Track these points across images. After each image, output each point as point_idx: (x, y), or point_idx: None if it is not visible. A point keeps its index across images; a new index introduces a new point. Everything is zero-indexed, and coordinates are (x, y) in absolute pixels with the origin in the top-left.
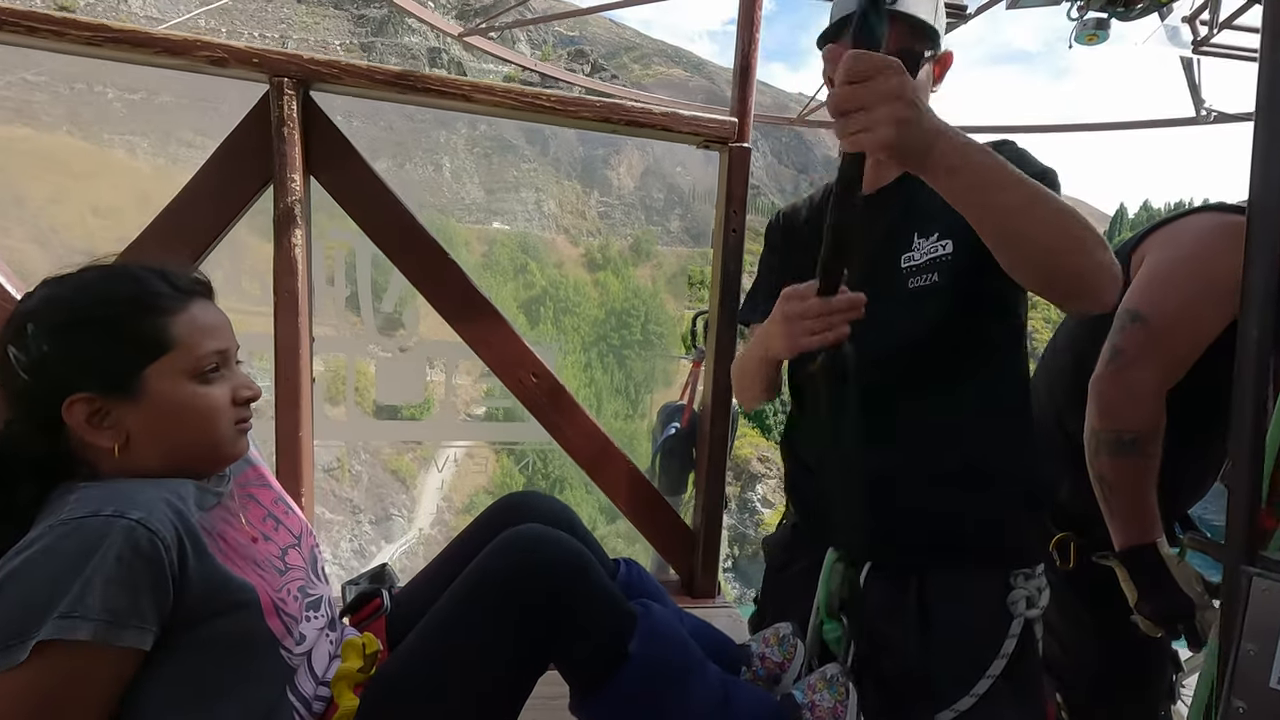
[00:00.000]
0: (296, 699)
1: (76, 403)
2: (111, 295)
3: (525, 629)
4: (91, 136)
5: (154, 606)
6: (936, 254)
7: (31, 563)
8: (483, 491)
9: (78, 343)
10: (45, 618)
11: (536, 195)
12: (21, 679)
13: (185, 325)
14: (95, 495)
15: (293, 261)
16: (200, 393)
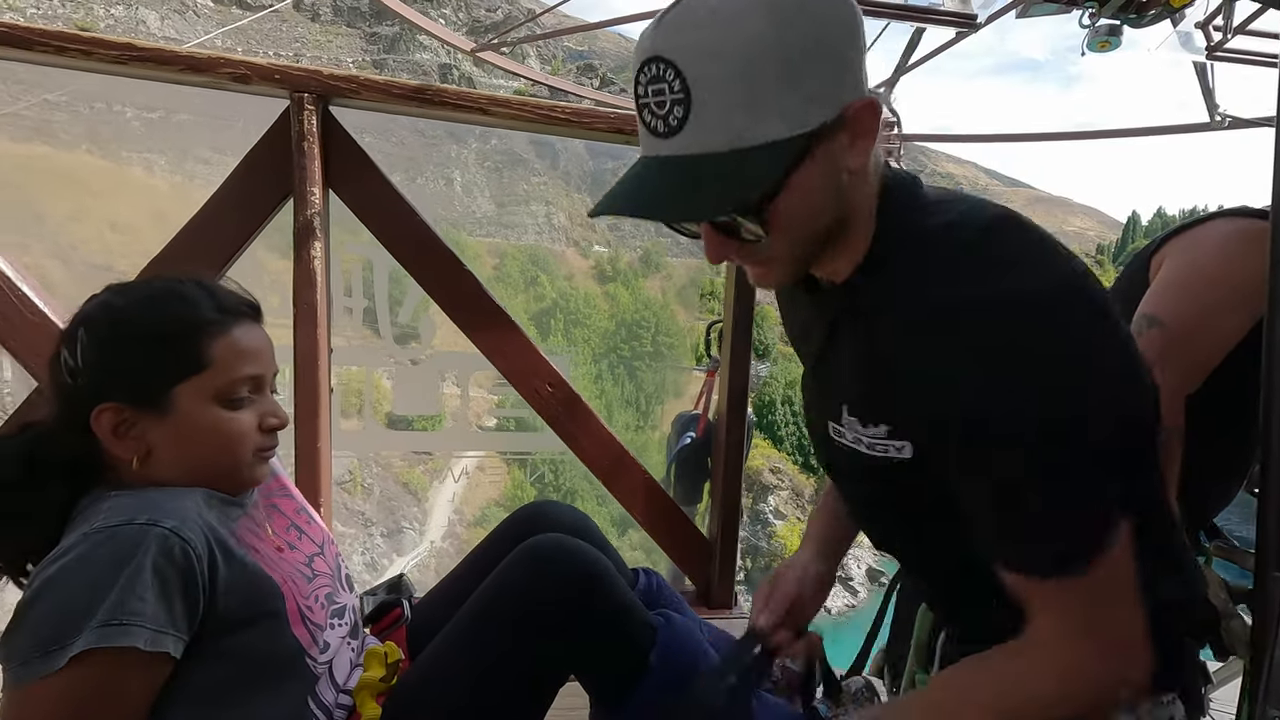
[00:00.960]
0: (318, 707)
1: (105, 411)
2: (157, 310)
3: (545, 640)
4: (110, 154)
5: (185, 614)
6: (887, 453)
7: (68, 570)
8: (494, 504)
9: (117, 353)
10: (83, 625)
11: (546, 208)
12: (58, 686)
13: (223, 347)
14: (128, 504)
15: (312, 274)
16: (226, 417)
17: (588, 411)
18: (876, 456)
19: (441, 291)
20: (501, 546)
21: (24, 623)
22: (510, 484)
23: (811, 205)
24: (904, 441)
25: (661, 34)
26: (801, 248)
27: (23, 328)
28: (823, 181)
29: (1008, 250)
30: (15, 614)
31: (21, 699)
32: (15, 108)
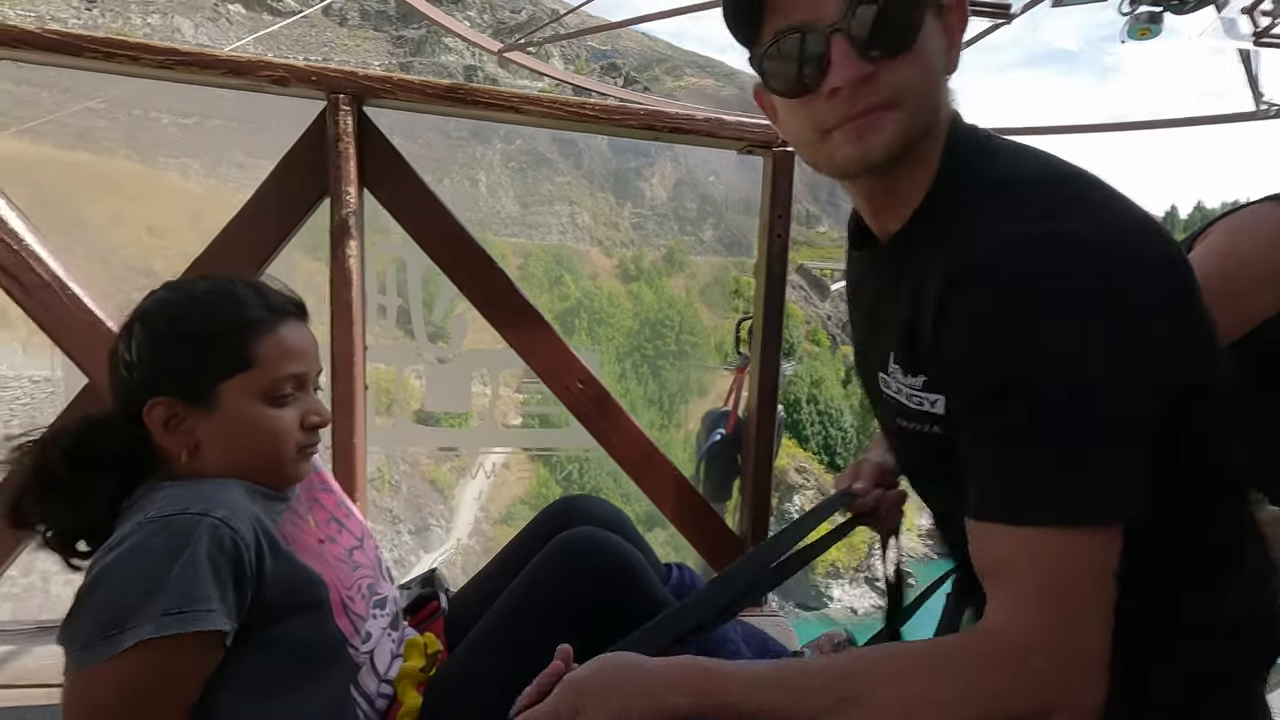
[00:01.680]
0: (360, 696)
1: (157, 405)
2: (207, 309)
3: (579, 633)
4: (148, 160)
5: (236, 602)
6: (922, 406)
7: (125, 559)
8: (520, 502)
9: (169, 349)
10: (141, 612)
11: (570, 208)
12: (117, 669)
13: (268, 346)
14: (180, 494)
15: (348, 273)
16: (270, 414)
17: (617, 408)
18: (913, 409)
19: (474, 289)
20: (536, 540)
21: (85, 609)
22: (536, 482)
23: (933, 62)
24: (938, 395)
25: None
26: (924, 98)
27: (73, 326)
28: (933, 50)
29: (1071, 203)
30: (76, 600)
31: (82, 682)
32: (59, 115)
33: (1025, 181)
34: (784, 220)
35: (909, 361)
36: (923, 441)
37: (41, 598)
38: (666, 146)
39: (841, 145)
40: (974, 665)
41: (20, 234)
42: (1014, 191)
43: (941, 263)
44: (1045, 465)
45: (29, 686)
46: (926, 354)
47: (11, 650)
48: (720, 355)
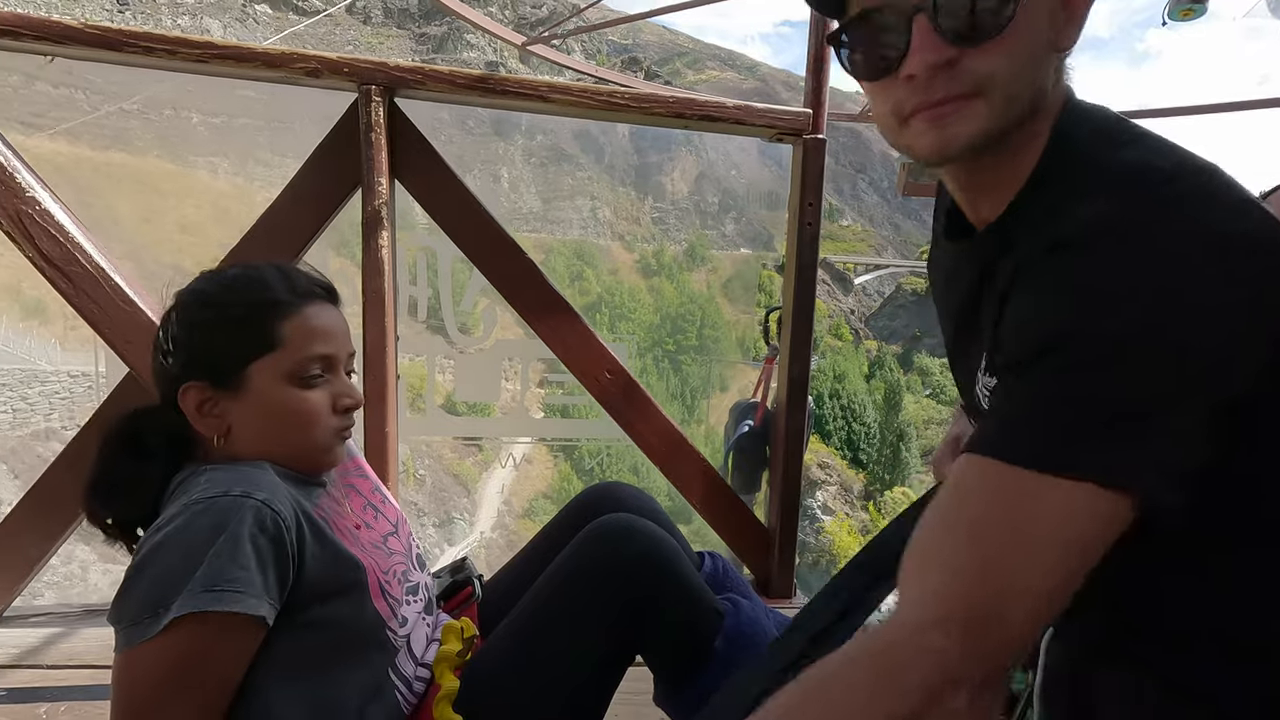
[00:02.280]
0: (398, 679)
1: (190, 390)
2: (234, 293)
3: (614, 620)
4: (179, 159)
5: (277, 583)
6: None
7: (170, 539)
8: (542, 496)
9: (198, 334)
10: (183, 590)
11: (591, 203)
12: (162, 647)
13: (294, 327)
14: (223, 477)
15: (379, 263)
16: (298, 396)
17: (646, 398)
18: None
19: (503, 280)
20: (570, 526)
21: (131, 588)
22: (558, 477)
23: (1028, 47)
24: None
25: None
26: (1016, 85)
27: (115, 316)
28: (1034, 31)
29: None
30: (124, 580)
31: (130, 660)
32: (95, 115)
33: (1154, 174)
34: (814, 209)
35: (992, 363)
36: None
37: (81, 585)
38: (687, 141)
39: (920, 134)
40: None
41: (66, 227)
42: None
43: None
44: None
45: (74, 667)
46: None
47: (58, 633)
48: (741, 350)
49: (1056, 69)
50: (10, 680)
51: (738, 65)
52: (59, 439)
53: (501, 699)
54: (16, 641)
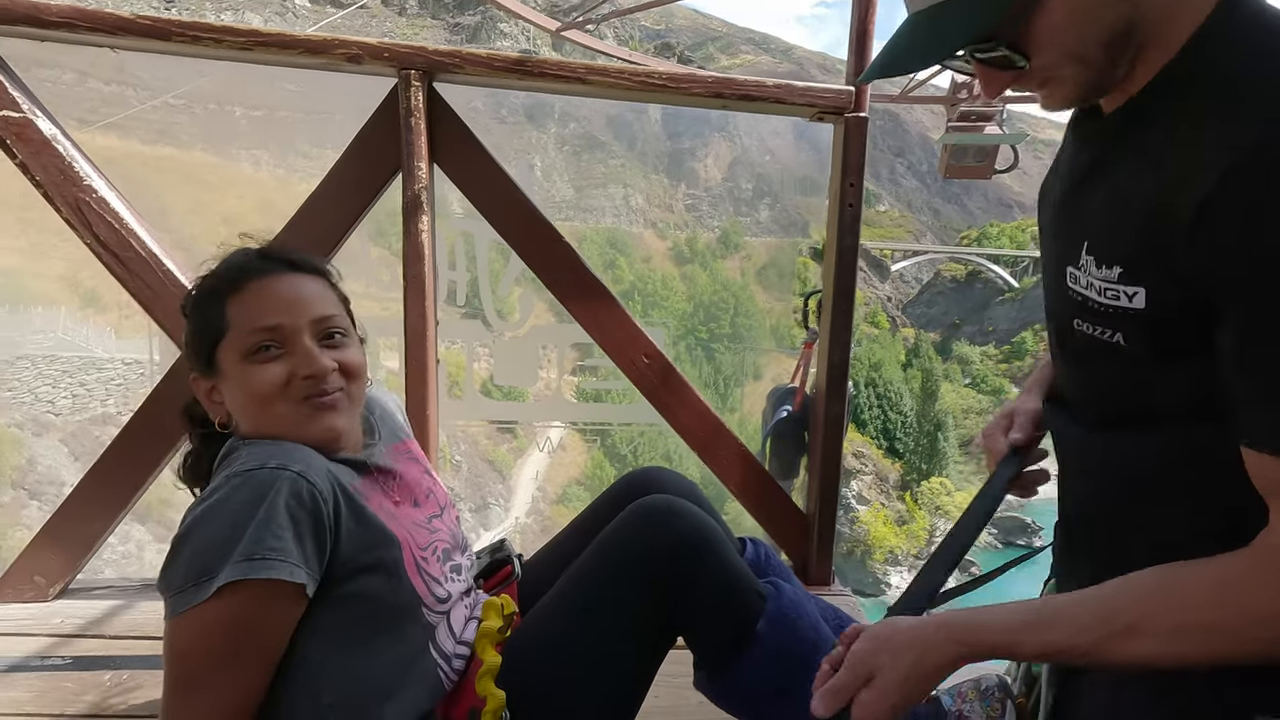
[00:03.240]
0: (438, 654)
1: (195, 380)
2: (203, 281)
3: (655, 600)
4: (222, 152)
5: (316, 554)
6: (1117, 300)
7: (212, 510)
8: (575, 483)
9: (185, 328)
10: (227, 558)
11: (624, 190)
12: (208, 614)
13: (237, 305)
14: (259, 451)
15: (420, 247)
16: (253, 371)
17: (683, 383)
18: (1104, 305)
19: (540, 264)
20: (611, 508)
21: (177, 557)
22: (591, 464)
23: (1080, 16)
24: (1138, 288)
25: None
26: (1079, 62)
27: (167, 300)
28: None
29: None
30: (170, 550)
31: (178, 628)
32: (141, 109)
33: None
34: (856, 189)
35: (1104, 251)
36: (1099, 352)
37: (138, 563)
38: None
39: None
40: (1257, 581)
41: (121, 213)
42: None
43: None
44: None
45: (135, 638)
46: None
47: (119, 605)
48: (775, 338)
49: None
50: (77, 649)
51: (772, 49)
52: (115, 423)
53: (542, 675)
54: (81, 613)
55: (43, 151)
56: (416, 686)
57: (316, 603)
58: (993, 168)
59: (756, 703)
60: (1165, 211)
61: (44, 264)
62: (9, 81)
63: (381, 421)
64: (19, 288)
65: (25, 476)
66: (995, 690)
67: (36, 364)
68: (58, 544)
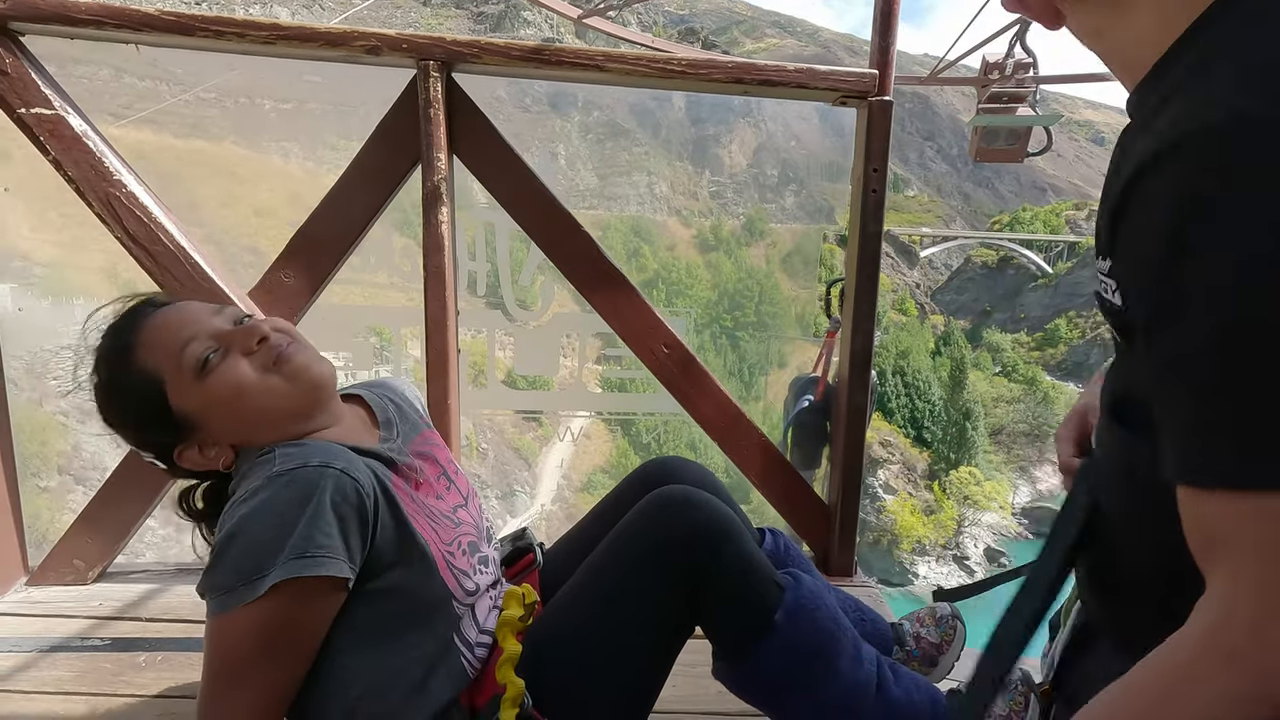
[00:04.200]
0: (462, 644)
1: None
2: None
3: (673, 589)
4: (253, 145)
5: (359, 548)
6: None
7: (258, 510)
8: (599, 471)
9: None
10: (277, 558)
11: (648, 178)
12: (256, 612)
13: (147, 357)
14: (297, 452)
15: (440, 238)
16: (219, 381)
17: (703, 372)
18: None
19: (560, 254)
20: (631, 497)
21: (224, 558)
22: (615, 452)
23: None
24: (1114, 281)
25: None
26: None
27: (196, 293)
28: None
29: None
30: (214, 551)
31: (225, 625)
32: (173, 104)
33: None
34: (880, 175)
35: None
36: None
37: (177, 547)
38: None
39: None
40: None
41: (150, 208)
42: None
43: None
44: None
45: (169, 621)
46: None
47: (155, 589)
48: (800, 326)
49: None
50: (114, 630)
51: (797, 31)
52: None
53: (562, 663)
54: (119, 595)
55: (74, 147)
56: (442, 676)
57: (352, 595)
58: (1025, 150)
59: (775, 692)
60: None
61: (84, 256)
62: (41, 79)
63: (402, 413)
64: (61, 280)
65: (70, 462)
66: (1018, 684)
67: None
68: (95, 529)
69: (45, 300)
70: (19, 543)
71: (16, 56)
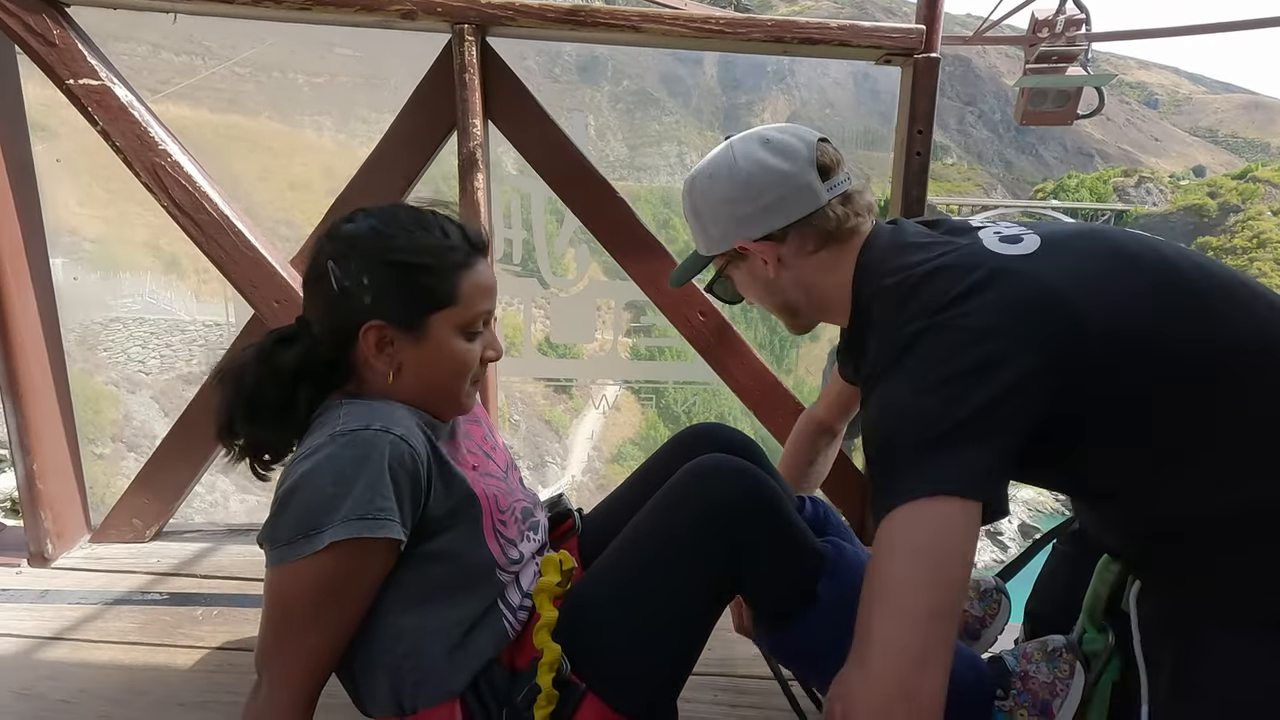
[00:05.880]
0: (506, 608)
1: (373, 329)
2: (422, 242)
3: (712, 558)
4: (287, 119)
5: (412, 513)
6: None
7: (320, 467)
8: (629, 443)
9: (390, 278)
10: (336, 515)
11: (679, 148)
12: (315, 566)
13: (469, 283)
14: (361, 412)
15: (476, 205)
16: (463, 347)
17: (738, 340)
18: None
19: (595, 220)
20: (670, 463)
21: (286, 510)
22: (645, 424)
23: (751, 291)
24: None
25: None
26: (773, 311)
27: (240, 261)
28: (750, 279)
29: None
30: (277, 503)
31: (284, 576)
32: (209, 77)
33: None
34: (925, 137)
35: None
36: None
37: (223, 511)
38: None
39: None
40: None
41: (194, 177)
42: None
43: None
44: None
45: (222, 578)
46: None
47: (208, 548)
48: None
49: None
50: (171, 586)
51: None
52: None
53: (600, 630)
54: (175, 553)
55: (120, 118)
56: (486, 636)
57: (400, 560)
58: (1074, 113)
59: (816, 659)
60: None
61: (129, 231)
62: (88, 50)
63: None
64: (108, 255)
65: (123, 430)
66: (1063, 650)
67: (128, 326)
68: (151, 491)
69: (95, 274)
70: (82, 502)
71: (64, 28)
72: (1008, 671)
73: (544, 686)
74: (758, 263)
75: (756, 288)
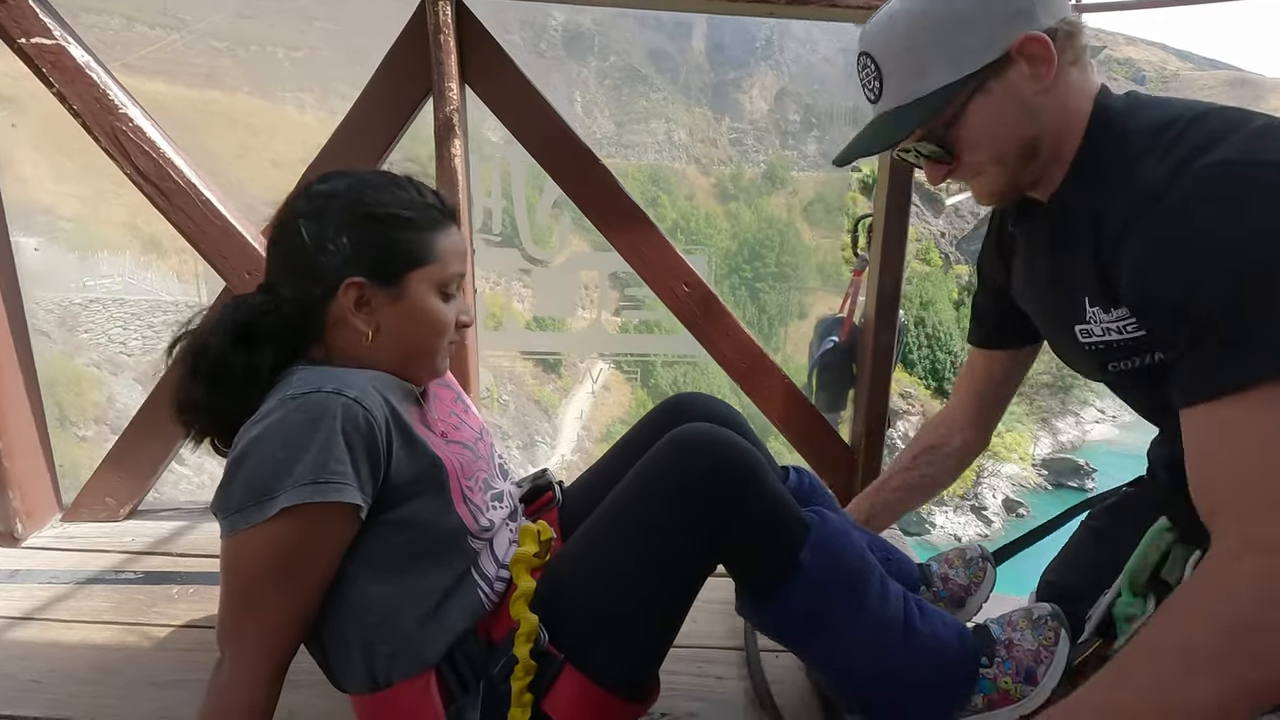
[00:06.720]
0: (480, 578)
1: (353, 285)
2: (404, 202)
3: (694, 528)
4: (267, 95)
5: (370, 478)
6: (1138, 334)
7: (269, 432)
8: (618, 422)
9: (370, 236)
10: (285, 480)
11: (666, 125)
12: (268, 533)
13: (445, 244)
14: (314, 376)
15: (453, 173)
16: (439, 307)
17: (724, 311)
18: (1126, 342)
19: (577, 188)
20: (652, 433)
21: (236, 477)
22: (634, 403)
23: (996, 127)
24: (1135, 320)
25: (862, 32)
26: (999, 164)
27: (210, 233)
28: (1003, 106)
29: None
30: (226, 471)
31: (235, 547)
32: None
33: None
34: None
35: (1106, 298)
36: (1148, 375)
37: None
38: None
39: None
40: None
41: (157, 142)
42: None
43: (1111, 202)
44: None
45: (198, 556)
46: (1118, 286)
47: (184, 526)
48: (822, 276)
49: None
50: (146, 565)
51: None
52: None
53: (579, 600)
54: (150, 532)
55: (77, 79)
56: (458, 607)
57: (364, 528)
58: None
59: (801, 630)
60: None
61: (106, 210)
62: (40, 8)
63: None
64: (85, 234)
65: (106, 413)
66: (1048, 618)
67: (108, 307)
68: (125, 469)
69: (72, 254)
70: (52, 481)
71: None
72: (993, 640)
73: (521, 657)
74: (1022, 75)
75: (1008, 116)
